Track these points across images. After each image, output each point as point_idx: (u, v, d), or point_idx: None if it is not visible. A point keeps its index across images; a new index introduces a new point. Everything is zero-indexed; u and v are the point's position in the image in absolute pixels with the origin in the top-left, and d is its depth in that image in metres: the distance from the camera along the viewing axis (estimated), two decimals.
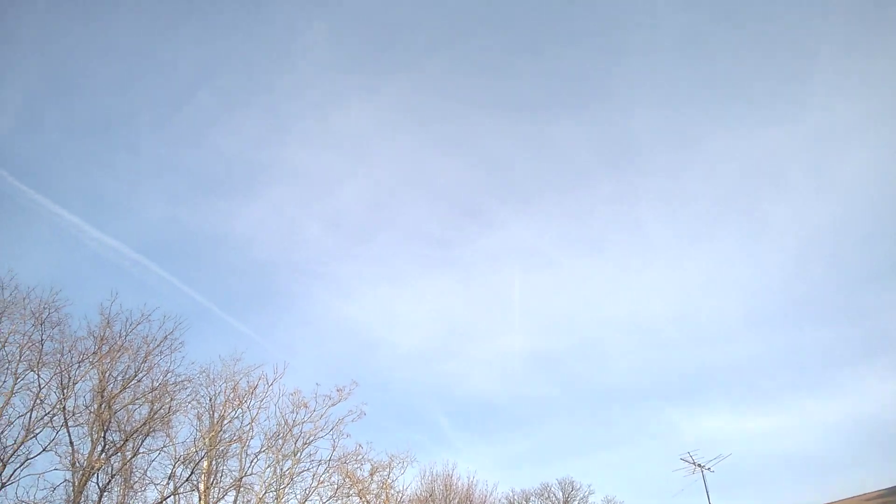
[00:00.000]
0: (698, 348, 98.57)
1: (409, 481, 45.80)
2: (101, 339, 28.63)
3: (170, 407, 29.09)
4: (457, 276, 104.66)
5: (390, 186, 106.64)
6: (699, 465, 42.55)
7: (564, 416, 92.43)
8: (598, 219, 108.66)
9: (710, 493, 41.56)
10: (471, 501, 47.90)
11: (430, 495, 45.23)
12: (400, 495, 39.15)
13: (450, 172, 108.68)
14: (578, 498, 63.04)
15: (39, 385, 27.42)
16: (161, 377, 29.34)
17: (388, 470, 36.93)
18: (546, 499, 63.23)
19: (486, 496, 50.35)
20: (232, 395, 30.53)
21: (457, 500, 47.60)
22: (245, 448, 30.13)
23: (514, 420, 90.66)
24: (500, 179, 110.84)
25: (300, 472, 31.22)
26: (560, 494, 63.57)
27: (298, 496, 31.36)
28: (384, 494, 37.31)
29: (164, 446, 29.19)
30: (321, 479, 32.25)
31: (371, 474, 35.83)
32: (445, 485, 46.75)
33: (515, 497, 62.19)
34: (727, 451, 45.60)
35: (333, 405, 32.29)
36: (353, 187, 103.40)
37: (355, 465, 34.11)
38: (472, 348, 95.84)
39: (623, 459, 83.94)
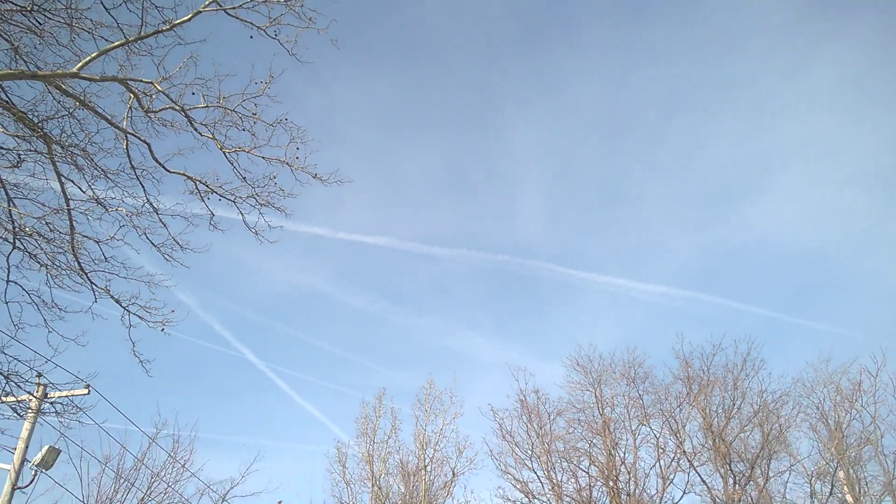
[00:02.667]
0: None
1: None
2: (689, 380, 29.79)
3: (779, 425, 28.57)
4: None
5: None
6: None
7: None
8: None
9: None
10: None
11: None
12: None
13: None
14: None
15: (655, 435, 29.67)
16: (757, 399, 29.16)
17: None
18: None
19: None
20: (838, 398, 28.61)
21: None
22: (879, 449, 27.72)
23: None
24: None
25: None
26: None
27: None
28: None
29: (792, 465, 28.69)
30: None
31: None
32: None
33: None
34: None
35: None
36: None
37: None
38: None
39: None
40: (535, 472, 30.12)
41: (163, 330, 12.17)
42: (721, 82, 79.25)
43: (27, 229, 10.78)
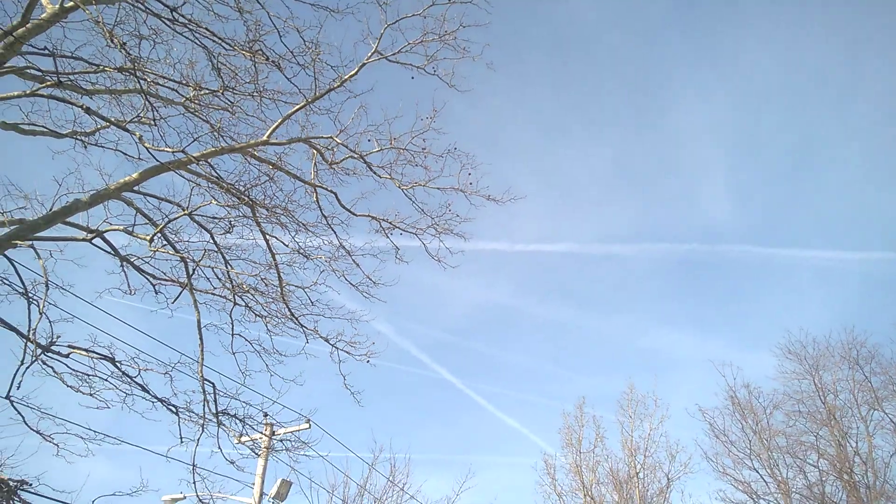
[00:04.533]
0: None
1: None
2: None
3: None
4: None
5: None
6: None
7: None
8: None
9: None
10: None
11: None
12: None
13: None
14: None
15: (891, 420, 26.90)
16: None
17: None
18: None
19: None
20: None
21: None
22: None
23: None
24: None
25: None
26: None
27: None
28: None
29: None
30: None
31: None
32: None
33: None
34: None
35: None
36: None
37: None
38: None
39: None
40: (758, 472, 28.25)
41: (368, 361, 12.96)
42: None
43: (244, 286, 11.97)
